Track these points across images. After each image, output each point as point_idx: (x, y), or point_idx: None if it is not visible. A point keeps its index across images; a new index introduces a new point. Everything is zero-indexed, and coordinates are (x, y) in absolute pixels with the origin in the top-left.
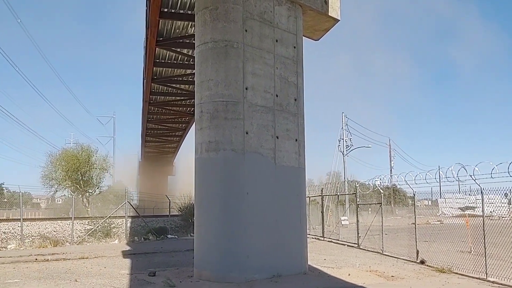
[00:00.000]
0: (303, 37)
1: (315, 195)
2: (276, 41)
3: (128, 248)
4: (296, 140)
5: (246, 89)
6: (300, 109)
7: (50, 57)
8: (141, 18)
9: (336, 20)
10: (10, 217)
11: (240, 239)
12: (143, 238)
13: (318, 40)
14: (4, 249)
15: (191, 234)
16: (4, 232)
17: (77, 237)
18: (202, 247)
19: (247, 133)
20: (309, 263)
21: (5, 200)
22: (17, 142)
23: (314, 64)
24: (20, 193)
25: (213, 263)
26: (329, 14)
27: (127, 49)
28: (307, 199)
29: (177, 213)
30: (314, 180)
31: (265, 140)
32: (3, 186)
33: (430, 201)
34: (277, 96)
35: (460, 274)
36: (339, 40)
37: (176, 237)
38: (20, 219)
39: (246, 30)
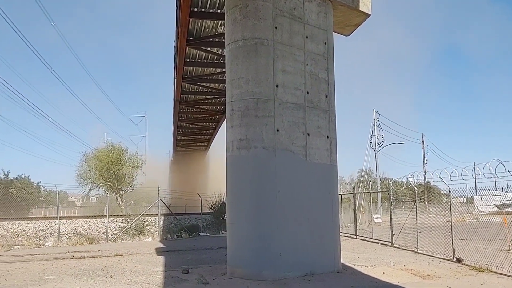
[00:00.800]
0: (334, 32)
1: (347, 192)
2: (306, 37)
3: (161, 245)
4: (327, 137)
5: (277, 86)
6: (331, 106)
7: (83, 58)
8: (172, 18)
9: (367, 15)
10: (47, 215)
11: (272, 236)
12: (176, 235)
13: (348, 35)
14: (42, 246)
15: (223, 231)
16: (42, 230)
17: (111, 235)
18: (234, 245)
19: (278, 130)
20: (342, 261)
21: (42, 198)
22: (54, 142)
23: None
24: (57, 192)
25: (245, 260)
26: (360, 9)
27: (158, 50)
28: (339, 196)
29: (209, 211)
30: (345, 177)
31: (296, 138)
32: (40, 185)
33: (465, 199)
34: (307, 93)
35: (499, 273)
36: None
37: (208, 234)
38: (57, 217)
39: (276, 27)
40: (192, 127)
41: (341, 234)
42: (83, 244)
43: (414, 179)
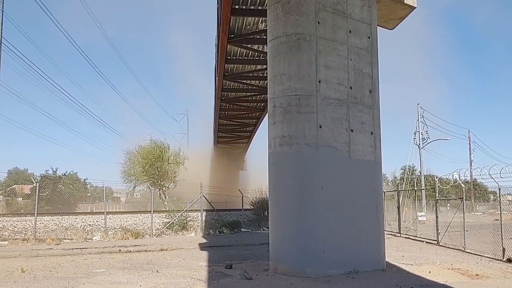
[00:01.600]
0: (377, 26)
1: (391, 190)
2: (350, 32)
3: (204, 240)
4: (371, 133)
5: (319, 82)
6: (375, 101)
7: (126, 57)
8: (213, 16)
9: (412, 8)
10: (94, 211)
11: (316, 233)
12: (218, 231)
13: (393, 29)
14: (90, 240)
15: (264, 228)
16: (89, 225)
17: (155, 230)
18: (277, 241)
19: (320, 126)
20: (386, 259)
21: (88, 194)
22: (100, 140)
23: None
24: (103, 188)
25: (288, 257)
26: (405, 2)
27: (198, 46)
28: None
29: (249, 207)
30: (388, 174)
31: (339, 134)
32: (86, 181)
33: None
34: (351, 88)
35: None
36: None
37: (249, 230)
38: (104, 212)
39: (318, 22)
40: (233, 124)
41: (384, 232)
42: (129, 238)
43: (460, 176)
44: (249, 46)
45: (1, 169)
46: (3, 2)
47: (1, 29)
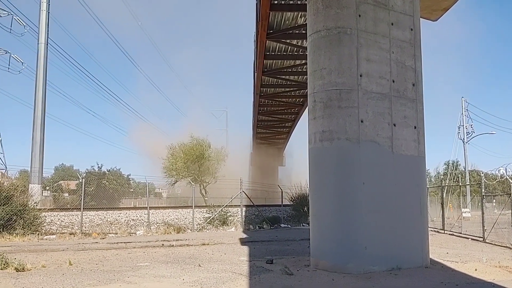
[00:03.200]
0: (420, 18)
1: (434, 185)
2: (392, 24)
3: (244, 235)
4: (415, 127)
5: (360, 76)
6: (418, 95)
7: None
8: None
9: None
10: (136, 206)
11: (357, 229)
12: (258, 226)
13: (436, 20)
14: (133, 234)
15: (303, 223)
16: (132, 219)
17: (196, 225)
18: (318, 237)
19: (362, 121)
20: (430, 256)
21: (131, 190)
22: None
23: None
24: (147, 184)
25: (330, 253)
26: None
27: (236, 45)
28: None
29: (289, 203)
30: (430, 170)
31: (381, 128)
32: (129, 177)
33: None
34: (393, 81)
35: None
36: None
37: (289, 226)
38: (147, 207)
39: (359, 15)
40: (272, 120)
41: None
42: (171, 233)
43: (506, 171)
44: (288, 41)
45: (48, 165)
46: (48, 3)
47: (47, 29)
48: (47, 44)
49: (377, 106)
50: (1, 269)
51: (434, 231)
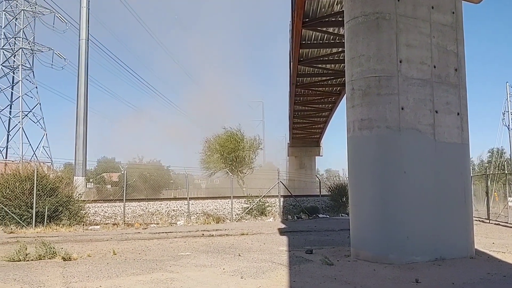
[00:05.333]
0: (462, 0)
1: (478, 173)
2: (432, 8)
3: (282, 226)
4: (458, 114)
5: (400, 62)
6: (461, 80)
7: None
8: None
9: None
10: (176, 196)
11: (399, 219)
12: (296, 216)
13: (479, 3)
14: (174, 224)
15: (342, 214)
16: (173, 210)
17: (235, 215)
18: (358, 227)
19: (402, 108)
20: (475, 246)
21: (171, 181)
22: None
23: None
24: (186, 175)
25: (370, 243)
26: None
27: (271, 34)
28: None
29: (327, 193)
30: (474, 158)
31: (423, 115)
32: (169, 168)
33: None
34: (434, 67)
35: None
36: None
37: (327, 216)
38: (186, 198)
39: (398, 0)
40: (308, 109)
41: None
42: (211, 223)
43: None
44: (324, 29)
45: (91, 158)
46: (88, 0)
47: (87, 26)
48: (88, 40)
49: (418, 93)
50: (49, 259)
51: (479, 220)
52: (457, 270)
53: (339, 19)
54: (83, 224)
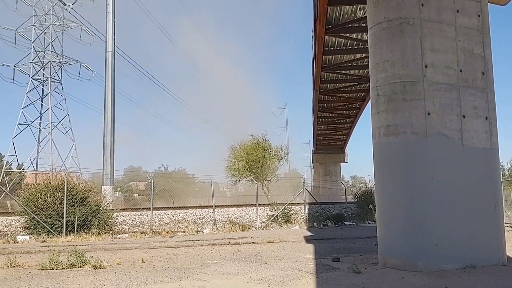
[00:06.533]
0: (488, 3)
1: (508, 178)
2: (457, 11)
3: (308, 233)
4: (486, 118)
5: (426, 66)
6: (489, 84)
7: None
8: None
9: None
10: (202, 204)
11: (427, 226)
12: (322, 224)
13: (505, 5)
14: (201, 232)
15: (369, 221)
16: (199, 218)
17: (260, 222)
18: (386, 234)
19: (428, 113)
20: (507, 253)
21: (197, 189)
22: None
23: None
24: (211, 183)
25: (398, 250)
26: None
27: (293, 41)
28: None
29: (353, 200)
30: (504, 163)
31: (450, 120)
32: (194, 176)
33: None
34: (461, 71)
35: None
36: None
37: (354, 224)
38: (212, 206)
39: (422, 4)
40: (332, 116)
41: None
42: (236, 231)
43: None
44: (347, 35)
45: (118, 168)
46: (114, 13)
47: (113, 38)
48: (114, 52)
49: (444, 98)
50: (80, 267)
51: (510, 227)
52: (489, 278)
53: (362, 24)
54: (112, 233)
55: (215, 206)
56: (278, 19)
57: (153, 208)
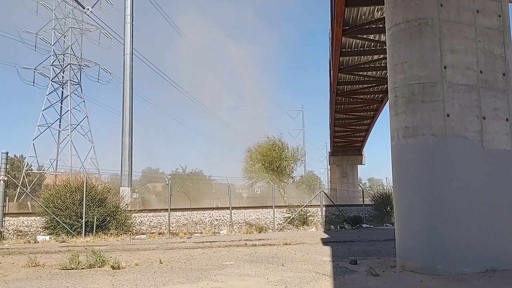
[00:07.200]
0: (509, 3)
1: None
2: (477, 11)
3: (325, 236)
4: (506, 119)
5: (445, 68)
6: (510, 85)
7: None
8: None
9: None
10: (218, 206)
11: (446, 229)
12: (339, 226)
13: None
14: (217, 234)
15: (386, 224)
16: (216, 219)
17: (277, 224)
18: (404, 237)
19: (448, 115)
20: None
21: (213, 191)
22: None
23: None
24: (228, 185)
25: (417, 254)
26: None
27: (310, 43)
28: None
29: (370, 203)
30: None
31: (469, 122)
32: (211, 178)
33: None
34: (481, 72)
35: None
36: None
37: (371, 226)
38: (229, 208)
39: (441, 5)
40: (349, 117)
41: None
42: (253, 232)
43: None
44: (364, 36)
45: (136, 169)
46: (132, 16)
47: (131, 40)
48: (132, 55)
49: (464, 99)
50: (99, 267)
51: None
52: (510, 282)
53: (380, 25)
54: (130, 234)
55: (231, 207)
56: (296, 21)
57: (170, 209)
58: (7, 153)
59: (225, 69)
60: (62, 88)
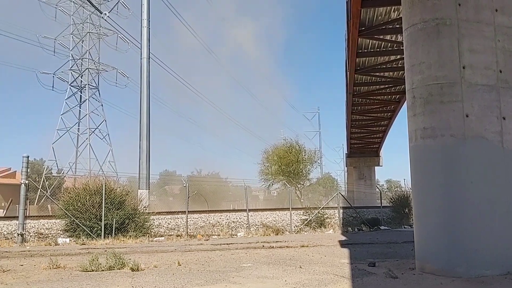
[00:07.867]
0: None
1: None
2: (496, 10)
3: (343, 238)
4: None
5: (463, 68)
6: None
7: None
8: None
9: None
10: (235, 208)
11: (466, 231)
12: (357, 228)
13: None
14: (235, 236)
15: (405, 225)
16: (233, 221)
17: (294, 227)
18: (423, 239)
19: (467, 116)
20: None
21: (230, 193)
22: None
23: None
24: (245, 187)
25: (436, 256)
26: None
27: (326, 44)
28: None
29: (388, 204)
30: None
31: (489, 123)
32: (227, 180)
33: None
34: (500, 71)
35: None
36: None
37: (389, 228)
38: (246, 210)
39: (459, 4)
40: (366, 119)
41: None
42: (270, 235)
43: None
44: (381, 37)
45: (154, 172)
46: (148, 20)
47: (148, 44)
48: (149, 59)
49: (483, 99)
50: (119, 269)
51: None
52: None
53: (397, 26)
54: (149, 236)
55: (248, 210)
56: (312, 22)
57: (188, 211)
58: (27, 157)
59: (240, 71)
60: (81, 92)
